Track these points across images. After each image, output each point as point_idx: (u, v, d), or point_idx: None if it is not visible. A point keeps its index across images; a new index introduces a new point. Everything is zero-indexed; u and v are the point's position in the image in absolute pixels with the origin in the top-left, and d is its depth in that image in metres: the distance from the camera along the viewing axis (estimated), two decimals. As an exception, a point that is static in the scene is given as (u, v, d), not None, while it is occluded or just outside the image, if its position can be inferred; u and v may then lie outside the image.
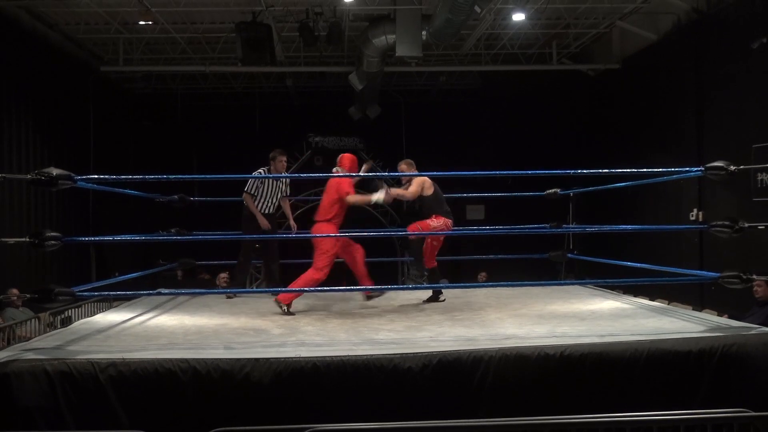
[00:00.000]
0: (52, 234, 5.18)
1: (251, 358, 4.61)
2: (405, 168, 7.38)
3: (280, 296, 6.72)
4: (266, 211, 8.05)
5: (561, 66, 14.84)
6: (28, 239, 5.17)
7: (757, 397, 4.60)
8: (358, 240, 7.37)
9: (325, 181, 7.35)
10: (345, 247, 7.17)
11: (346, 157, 7.26)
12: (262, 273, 12.32)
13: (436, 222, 7.16)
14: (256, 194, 7.98)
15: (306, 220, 15.63)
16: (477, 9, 9.97)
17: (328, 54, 14.68)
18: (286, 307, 6.62)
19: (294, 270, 9.98)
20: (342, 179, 6.97)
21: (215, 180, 12.98)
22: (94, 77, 14.65)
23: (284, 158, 8.17)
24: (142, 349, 5.00)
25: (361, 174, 7.21)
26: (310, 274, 6.82)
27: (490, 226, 10.52)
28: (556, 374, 4.69)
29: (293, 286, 6.79)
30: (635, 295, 7.86)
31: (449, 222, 7.24)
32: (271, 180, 7.96)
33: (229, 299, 7.68)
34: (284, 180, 8.26)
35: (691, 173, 6.41)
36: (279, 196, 8.19)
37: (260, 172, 8.04)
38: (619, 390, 4.71)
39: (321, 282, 6.86)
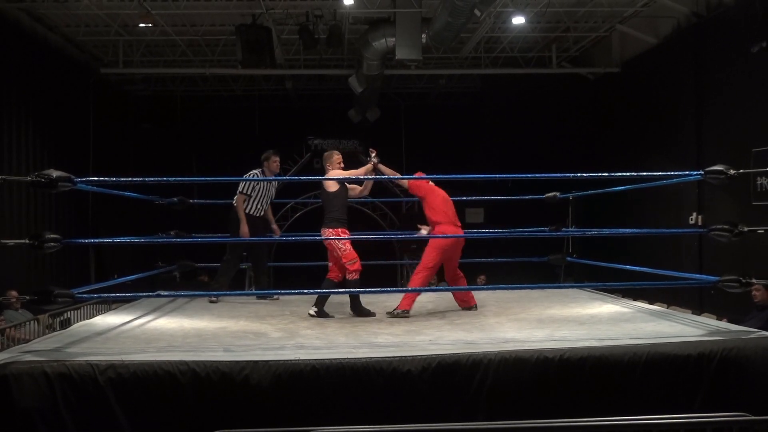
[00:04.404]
0: (52, 236, 5.18)
1: (250, 361, 4.61)
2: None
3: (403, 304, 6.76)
4: (257, 214, 7.90)
5: (561, 69, 14.86)
6: (27, 241, 5.18)
7: (757, 401, 4.60)
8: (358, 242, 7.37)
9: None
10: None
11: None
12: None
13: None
14: (251, 194, 7.84)
15: (306, 222, 15.62)
16: (477, 12, 9.98)
17: (328, 57, 14.70)
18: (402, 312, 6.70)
19: (301, 271, 9.95)
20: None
21: (215, 182, 12.92)
22: (94, 79, 14.65)
23: (277, 158, 8.01)
24: (142, 351, 4.99)
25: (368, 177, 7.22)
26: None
27: (489, 229, 10.51)
28: (555, 378, 4.69)
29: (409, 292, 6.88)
30: (634, 299, 7.86)
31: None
32: (264, 182, 7.87)
33: (211, 303, 7.56)
34: (275, 183, 8.10)
35: (691, 177, 6.42)
36: (270, 200, 8.04)
37: (255, 174, 7.91)
38: (619, 393, 4.71)
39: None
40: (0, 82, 11.22)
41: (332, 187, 6.96)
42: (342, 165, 7.15)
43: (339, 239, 6.78)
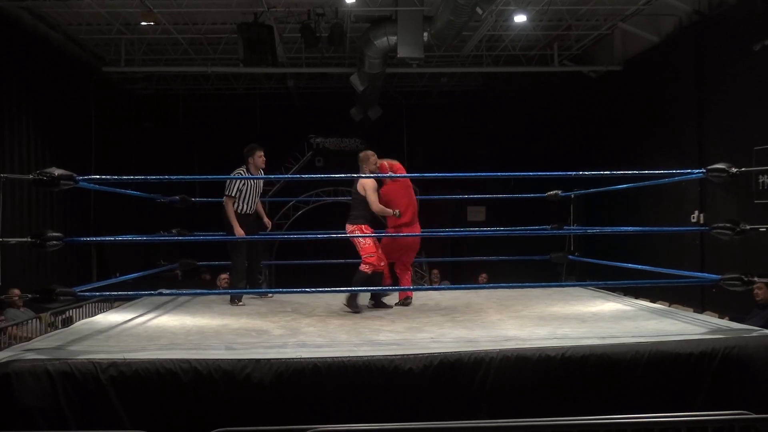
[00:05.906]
0: (54, 234, 5.18)
1: (252, 359, 4.61)
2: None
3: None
4: (247, 212, 7.63)
5: (562, 67, 14.85)
6: (29, 239, 5.18)
7: (758, 399, 4.59)
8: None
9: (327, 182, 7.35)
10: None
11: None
12: (262, 273, 12.21)
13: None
14: (237, 197, 7.51)
15: (307, 221, 15.60)
16: (479, 10, 9.98)
17: (330, 55, 14.70)
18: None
19: (303, 269, 9.89)
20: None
21: (216, 181, 12.94)
22: (96, 78, 14.67)
23: (262, 152, 7.66)
24: (144, 350, 4.99)
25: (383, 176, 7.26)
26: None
27: (491, 227, 10.52)
28: (557, 376, 4.69)
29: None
30: (636, 297, 7.86)
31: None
32: (250, 180, 7.56)
33: (236, 305, 7.41)
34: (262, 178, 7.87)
35: (693, 175, 6.41)
36: (259, 196, 7.76)
37: (240, 173, 7.60)
38: (620, 392, 4.70)
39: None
40: (1, 81, 11.23)
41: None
42: (377, 165, 7.22)
43: (362, 236, 7.00)
